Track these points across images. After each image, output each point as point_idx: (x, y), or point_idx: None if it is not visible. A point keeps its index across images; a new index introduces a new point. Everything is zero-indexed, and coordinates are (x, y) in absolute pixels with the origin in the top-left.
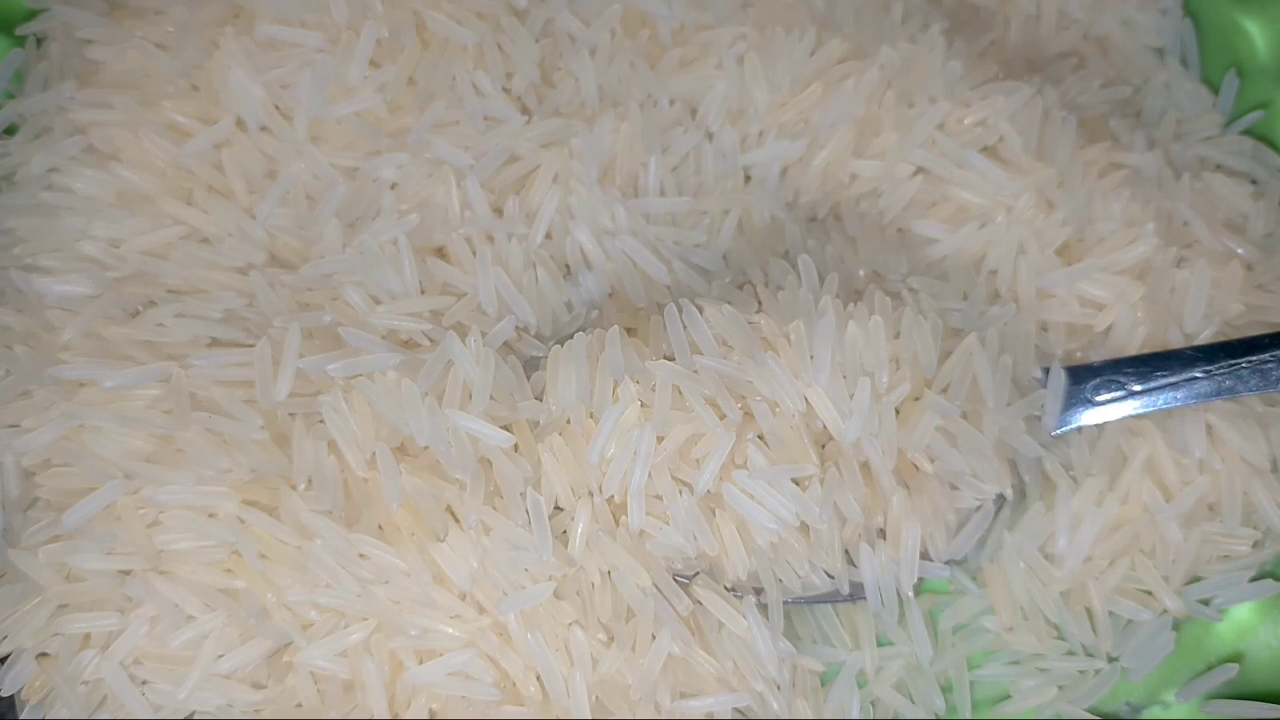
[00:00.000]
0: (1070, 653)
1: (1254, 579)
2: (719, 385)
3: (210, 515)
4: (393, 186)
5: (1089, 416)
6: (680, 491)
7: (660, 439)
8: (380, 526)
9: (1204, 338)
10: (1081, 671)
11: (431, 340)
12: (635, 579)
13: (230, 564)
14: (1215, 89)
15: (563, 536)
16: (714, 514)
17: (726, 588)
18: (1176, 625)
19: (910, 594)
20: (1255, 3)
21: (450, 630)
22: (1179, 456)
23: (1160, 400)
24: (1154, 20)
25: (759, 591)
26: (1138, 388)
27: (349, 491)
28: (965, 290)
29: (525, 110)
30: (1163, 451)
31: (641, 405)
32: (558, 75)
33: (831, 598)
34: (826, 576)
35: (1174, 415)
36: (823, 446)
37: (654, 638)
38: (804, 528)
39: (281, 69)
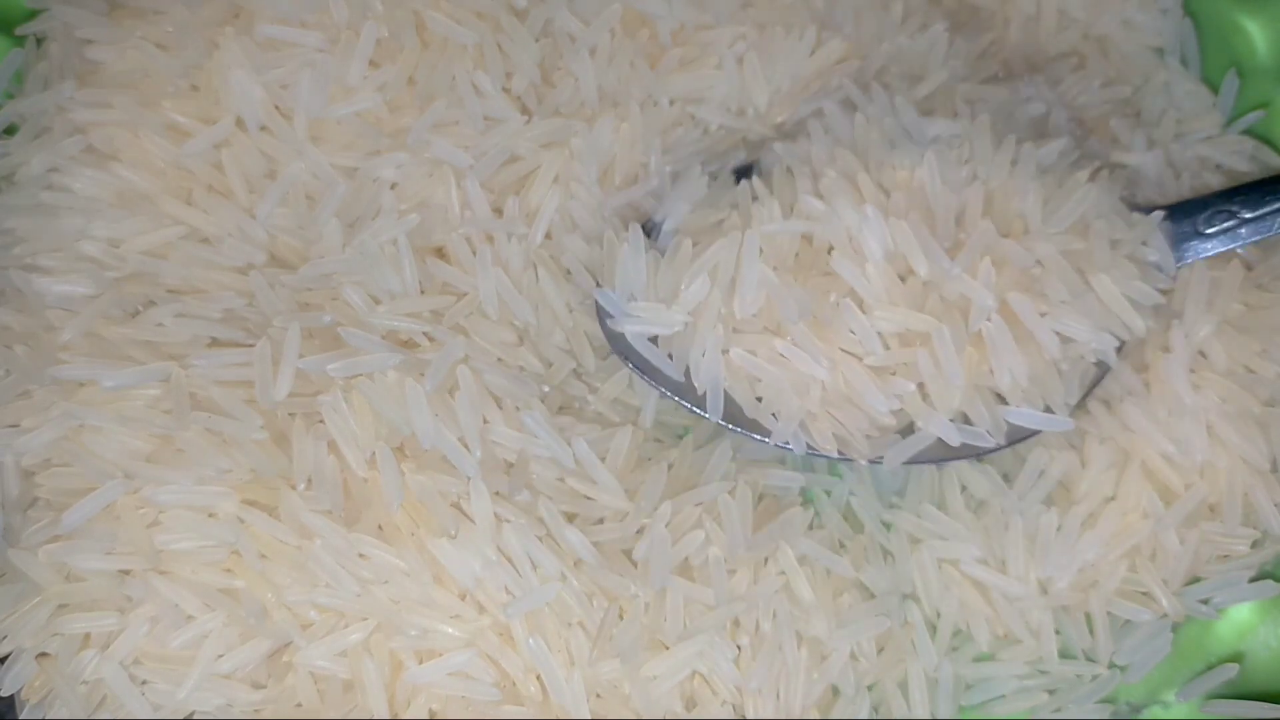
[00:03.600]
0: (1069, 656)
1: (1254, 579)
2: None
3: (210, 515)
4: (393, 186)
5: (1202, 250)
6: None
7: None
8: (380, 526)
9: (1203, 336)
10: (1079, 675)
11: (431, 340)
12: None
13: (230, 564)
14: (1215, 89)
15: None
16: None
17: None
18: (1175, 626)
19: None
20: (1255, 2)
21: (450, 630)
22: (1179, 458)
23: (1276, 225)
24: (1154, 20)
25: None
26: (1248, 215)
27: (349, 491)
28: None
29: (525, 110)
30: (1164, 452)
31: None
32: (558, 75)
33: (963, 453)
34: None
35: (1174, 415)
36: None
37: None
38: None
39: (281, 69)
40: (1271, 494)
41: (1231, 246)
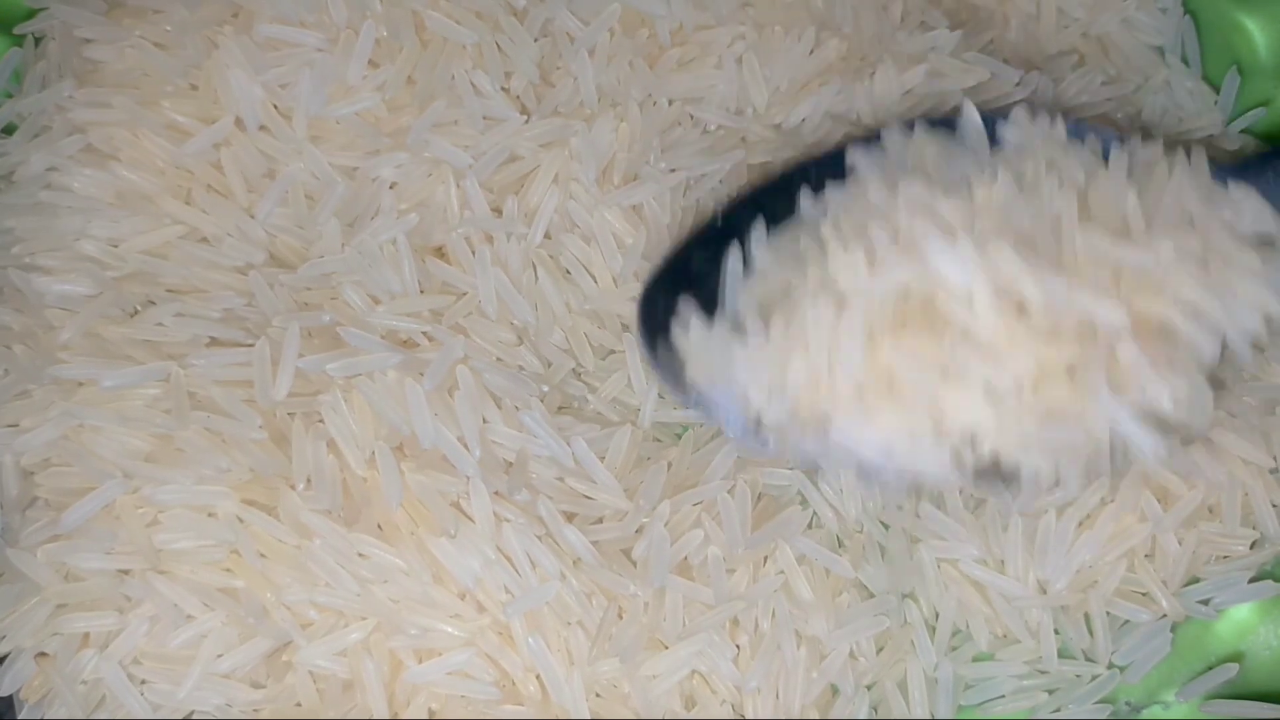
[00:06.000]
0: (1068, 656)
1: (1253, 580)
2: None
3: (209, 515)
4: (392, 186)
5: None
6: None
7: None
8: (380, 526)
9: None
10: (1079, 675)
11: (431, 340)
12: None
13: (229, 563)
14: (1216, 87)
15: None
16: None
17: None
18: (1174, 626)
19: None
20: (1255, 1)
21: (450, 629)
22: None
23: None
24: (1154, 18)
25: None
26: None
27: (349, 491)
28: None
29: (524, 110)
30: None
31: None
32: (557, 75)
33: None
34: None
35: None
36: None
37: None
38: None
39: (281, 68)
40: (1271, 494)
41: None
